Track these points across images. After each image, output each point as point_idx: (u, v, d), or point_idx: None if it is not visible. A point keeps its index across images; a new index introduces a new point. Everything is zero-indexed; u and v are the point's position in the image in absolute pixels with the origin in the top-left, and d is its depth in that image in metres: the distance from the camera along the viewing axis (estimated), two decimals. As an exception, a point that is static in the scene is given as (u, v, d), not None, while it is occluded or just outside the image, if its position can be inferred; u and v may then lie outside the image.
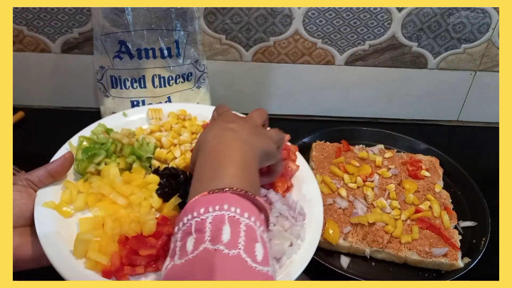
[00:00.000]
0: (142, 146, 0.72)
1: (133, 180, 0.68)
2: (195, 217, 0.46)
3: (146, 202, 0.66)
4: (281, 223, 0.66)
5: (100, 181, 0.67)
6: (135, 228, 0.62)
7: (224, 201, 0.47)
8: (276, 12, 0.97)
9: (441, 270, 0.80)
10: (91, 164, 0.68)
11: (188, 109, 0.82)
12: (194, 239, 0.45)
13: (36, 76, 1.04)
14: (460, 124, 1.18)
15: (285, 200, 0.68)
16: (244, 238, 0.44)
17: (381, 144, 1.02)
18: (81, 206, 0.64)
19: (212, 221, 0.45)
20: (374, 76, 1.08)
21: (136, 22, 0.87)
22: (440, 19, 0.99)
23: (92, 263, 0.58)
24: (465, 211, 0.90)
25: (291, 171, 0.73)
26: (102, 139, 0.72)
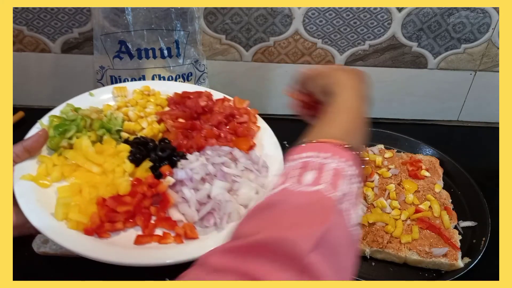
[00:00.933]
0: (110, 120, 0.77)
1: (105, 150, 0.73)
2: (319, 157, 0.50)
3: (119, 168, 0.70)
4: (246, 175, 0.73)
5: (74, 153, 0.71)
6: (111, 191, 0.67)
7: (346, 157, 0.50)
8: (276, 12, 0.97)
9: (441, 270, 0.80)
10: (63, 139, 0.72)
11: (152, 85, 0.86)
12: (316, 173, 0.48)
13: (36, 76, 1.04)
14: (460, 124, 1.18)
15: (248, 156, 0.76)
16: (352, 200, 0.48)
17: (381, 144, 1.02)
18: (57, 177, 0.68)
19: (334, 172, 0.48)
20: (374, 76, 1.07)
21: (136, 22, 0.87)
22: (440, 19, 0.99)
23: (74, 223, 0.62)
24: (465, 211, 0.90)
25: (253, 132, 0.81)
26: (72, 116, 0.76)
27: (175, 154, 0.74)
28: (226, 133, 0.80)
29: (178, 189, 0.70)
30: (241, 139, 0.80)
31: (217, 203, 0.67)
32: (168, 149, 0.74)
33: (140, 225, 0.66)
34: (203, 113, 0.82)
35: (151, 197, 0.68)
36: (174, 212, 0.68)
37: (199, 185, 0.70)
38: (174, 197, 0.69)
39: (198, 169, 0.71)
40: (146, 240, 0.64)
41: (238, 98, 0.85)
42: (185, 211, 0.68)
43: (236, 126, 0.81)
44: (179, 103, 0.83)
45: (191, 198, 0.68)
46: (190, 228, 0.66)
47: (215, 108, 0.83)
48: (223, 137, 0.79)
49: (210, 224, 0.67)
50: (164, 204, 0.68)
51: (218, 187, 0.69)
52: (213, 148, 0.76)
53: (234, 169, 0.73)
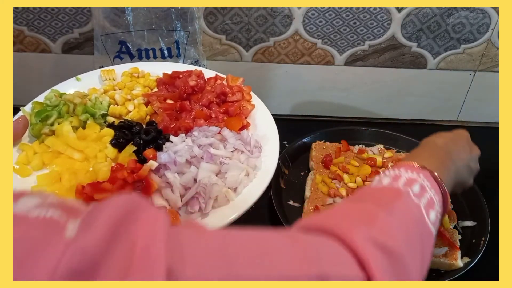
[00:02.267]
0: (95, 105, 0.74)
1: (88, 135, 0.70)
2: (396, 172, 0.56)
3: (101, 153, 0.68)
4: (236, 157, 0.70)
5: (54, 139, 0.68)
6: (91, 177, 0.64)
7: (421, 173, 0.56)
8: (276, 12, 0.97)
9: (440, 270, 0.80)
10: (45, 125, 0.70)
11: (141, 66, 0.84)
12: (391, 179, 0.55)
13: (37, 76, 1.04)
14: (460, 124, 1.18)
15: (239, 135, 0.73)
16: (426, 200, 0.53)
17: (381, 144, 1.02)
18: (38, 164, 0.66)
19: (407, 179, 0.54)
20: (374, 76, 1.08)
21: (137, 22, 0.87)
22: (440, 19, 0.99)
23: None
24: (464, 211, 0.90)
25: (246, 110, 0.78)
26: (55, 102, 0.73)
27: (161, 137, 0.70)
28: (217, 113, 0.76)
29: (161, 174, 0.66)
30: (233, 118, 0.76)
31: (203, 187, 0.64)
32: (153, 131, 0.70)
33: None
34: (193, 93, 0.78)
35: (132, 183, 0.64)
36: (157, 198, 0.65)
37: (184, 168, 0.66)
38: (157, 182, 0.65)
39: (182, 151, 0.67)
40: None
41: (232, 76, 0.81)
42: (168, 196, 0.64)
43: (228, 105, 0.77)
44: (169, 83, 0.80)
45: (175, 182, 0.65)
46: (173, 214, 0.63)
47: (207, 87, 0.79)
48: (214, 117, 0.75)
49: (195, 210, 0.64)
50: (146, 190, 0.64)
51: (204, 170, 0.66)
52: (201, 129, 0.72)
53: (223, 151, 0.70)
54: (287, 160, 0.96)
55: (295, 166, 0.97)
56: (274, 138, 0.75)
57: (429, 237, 0.52)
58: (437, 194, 0.55)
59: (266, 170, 0.71)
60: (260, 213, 0.87)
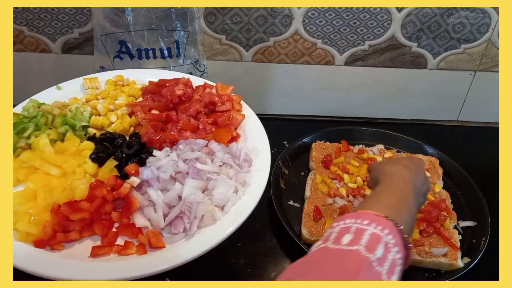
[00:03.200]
0: (75, 116, 0.70)
1: (67, 149, 0.66)
2: (357, 223, 0.52)
3: (80, 169, 0.64)
4: (225, 172, 0.66)
5: (30, 154, 0.64)
6: (67, 195, 0.60)
7: (386, 227, 0.52)
8: (276, 12, 0.97)
9: (441, 270, 0.80)
10: (21, 139, 0.66)
11: (126, 74, 0.79)
12: (352, 237, 0.50)
13: (37, 76, 1.04)
14: (460, 124, 1.18)
15: (227, 149, 0.68)
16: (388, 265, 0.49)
17: (381, 144, 1.02)
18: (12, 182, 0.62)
19: (371, 235, 0.50)
20: (374, 76, 1.08)
21: (137, 22, 0.87)
22: (440, 19, 0.99)
23: (23, 235, 0.56)
24: (464, 211, 0.90)
25: (236, 121, 0.74)
26: (32, 113, 0.69)
27: (144, 151, 0.66)
28: (205, 124, 0.72)
29: (144, 191, 0.62)
30: (222, 129, 0.71)
31: (188, 205, 0.60)
32: (136, 145, 0.66)
33: (99, 233, 0.58)
34: (180, 103, 0.74)
35: (112, 201, 0.60)
36: (138, 217, 0.61)
37: (168, 185, 0.62)
38: (139, 200, 0.61)
39: (166, 167, 0.63)
40: (103, 252, 0.57)
41: (221, 84, 0.78)
42: (150, 215, 0.60)
43: (217, 115, 0.72)
44: (154, 92, 0.75)
45: (158, 201, 0.60)
46: (155, 236, 0.58)
47: (195, 96, 0.74)
48: (202, 129, 0.71)
49: (179, 231, 0.59)
50: (127, 209, 0.60)
51: (189, 187, 0.61)
52: (187, 142, 0.68)
53: (210, 165, 0.65)
54: (287, 160, 0.96)
55: (295, 166, 0.97)
56: (265, 150, 0.71)
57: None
58: (399, 252, 0.52)
59: (257, 186, 0.66)
60: (260, 213, 0.87)
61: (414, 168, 0.67)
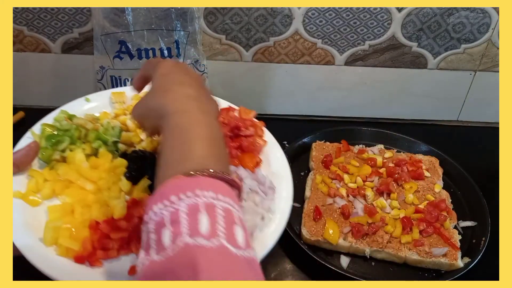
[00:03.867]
0: (107, 131, 0.70)
1: (100, 165, 0.67)
2: (167, 206, 0.43)
3: (115, 186, 0.64)
4: (252, 198, 0.66)
5: (66, 168, 0.65)
6: (105, 213, 0.61)
7: (196, 186, 0.43)
8: (276, 12, 0.97)
9: (441, 270, 0.80)
10: (56, 151, 0.66)
11: None
12: (171, 232, 0.41)
13: (36, 76, 1.04)
14: (460, 124, 1.18)
15: (254, 175, 0.69)
16: (223, 224, 0.42)
17: (381, 144, 1.02)
18: (48, 194, 0.63)
19: (188, 211, 0.42)
20: (374, 76, 1.08)
21: (136, 22, 0.87)
22: (440, 19, 0.99)
23: (63, 250, 0.57)
24: (465, 211, 0.90)
25: (259, 147, 0.74)
26: (66, 126, 0.70)
27: None
28: (231, 148, 0.72)
29: None
30: (247, 155, 0.71)
31: None
32: None
33: (135, 252, 0.59)
34: None
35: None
36: None
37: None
38: None
39: None
40: None
41: (244, 108, 0.78)
42: None
43: (242, 140, 0.72)
44: None
45: None
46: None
47: (219, 119, 0.72)
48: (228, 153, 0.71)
49: None
50: None
51: None
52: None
53: None
54: (287, 160, 0.96)
55: (295, 166, 0.97)
56: (287, 177, 0.70)
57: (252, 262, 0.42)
58: (227, 195, 0.44)
59: (281, 214, 0.66)
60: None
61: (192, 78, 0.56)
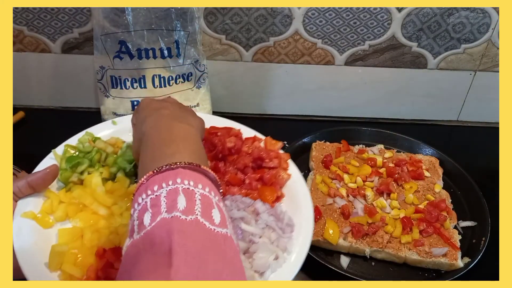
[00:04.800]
0: (125, 153, 0.69)
1: (116, 190, 0.66)
2: (149, 195, 0.46)
3: (128, 212, 0.63)
4: (267, 234, 0.62)
5: (81, 191, 0.64)
6: (113, 240, 0.59)
7: (176, 176, 0.46)
8: (276, 12, 0.97)
9: (441, 270, 0.80)
10: (74, 173, 0.66)
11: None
12: (151, 213, 0.44)
13: (36, 76, 1.04)
14: (460, 124, 1.18)
15: (272, 210, 0.65)
16: (200, 206, 0.45)
17: (381, 144, 1.02)
18: (61, 216, 0.62)
19: (167, 194, 0.45)
20: (374, 76, 1.08)
21: (136, 22, 0.87)
22: (440, 19, 0.99)
23: (67, 276, 0.56)
24: (465, 211, 0.90)
25: (282, 180, 0.70)
26: (87, 148, 0.69)
27: None
28: (251, 179, 0.69)
29: None
30: (268, 188, 0.68)
31: None
32: None
33: None
34: (229, 154, 0.71)
35: None
36: None
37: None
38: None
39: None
40: None
41: (270, 139, 0.75)
42: None
43: (264, 171, 0.70)
44: (205, 139, 0.72)
45: None
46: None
47: (243, 148, 0.72)
48: (248, 184, 0.69)
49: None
50: None
51: None
52: (233, 199, 0.65)
53: (254, 227, 0.62)
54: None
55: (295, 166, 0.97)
56: (309, 216, 0.65)
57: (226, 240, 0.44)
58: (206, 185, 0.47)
59: (297, 256, 0.61)
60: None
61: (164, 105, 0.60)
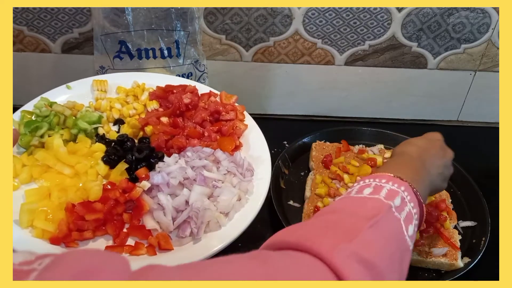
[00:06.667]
0: (85, 117, 0.72)
1: (79, 150, 0.68)
2: (377, 181, 0.56)
3: (92, 170, 0.66)
4: (229, 179, 0.69)
5: (44, 153, 0.66)
6: (81, 195, 0.62)
7: (402, 185, 0.56)
8: (276, 12, 0.97)
9: (441, 270, 0.80)
10: (34, 137, 0.68)
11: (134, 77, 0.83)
12: (372, 190, 0.54)
13: (36, 76, 1.04)
14: (460, 124, 1.18)
15: (232, 158, 0.71)
16: (405, 214, 0.53)
17: (381, 144, 1.02)
18: (26, 178, 0.64)
19: (389, 190, 0.54)
20: (374, 76, 1.08)
21: (136, 22, 0.87)
22: (440, 19, 0.99)
23: (39, 232, 0.58)
24: (465, 211, 0.90)
25: (239, 131, 0.76)
26: (45, 112, 0.71)
27: (153, 156, 0.68)
28: (210, 131, 0.74)
29: (153, 195, 0.64)
30: (226, 138, 0.74)
31: (195, 211, 0.62)
32: (146, 150, 0.68)
33: (111, 234, 0.61)
34: (187, 110, 0.76)
35: (124, 203, 0.63)
36: (148, 220, 0.63)
37: (177, 191, 0.64)
38: (149, 203, 0.63)
39: (176, 173, 0.65)
40: (116, 251, 0.59)
41: (225, 93, 0.80)
42: (160, 219, 0.63)
43: (222, 124, 0.75)
44: (162, 97, 0.78)
45: (167, 205, 0.63)
46: (165, 238, 0.61)
47: (200, 104, 0.77)
48: (207, 136, 0.74)
49: (186, 235, 0.62)
50: (138, 211, 0.63)
51: (196, 193, 0.64)
52: (194, 149, 0.70)
53: (216, 173, 0.68)
54: (287, 160, 0.96)
55: (295, 166, 0.97)
56: (267, 161, 0.74)
57: (407, 252, 0.52)
58: (415, 207, 0.56)
59: (258, 195, 0.69)
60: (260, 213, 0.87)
61: (425, 144, 0.71)
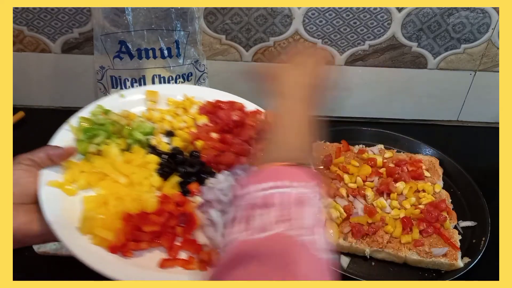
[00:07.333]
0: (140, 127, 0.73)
1: (133, 160, 0.69)
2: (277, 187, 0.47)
3: (147, 181, 0.67)
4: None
5: (101, 161, 0.68)
6: (137, 206, 0.63)
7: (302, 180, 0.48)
8: (276, 12, 0.97)
9: (441, 270, 0.80)
10: (92, 144, 0.69)
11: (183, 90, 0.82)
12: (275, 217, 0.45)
13: (36, 76, 1.04)
14: (460, 124, 1.18)
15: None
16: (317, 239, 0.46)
17: (381, 144, 1.02)
18: (84, 184, 0.65)
19: (295, 200, 0.46)
20: (374, 76, 1.08)
21: (136, 22, 0.87)
22: (440, 19, 0.99)
23: (98, 239, 0.59)
24: (464, 211, 0.90)
25: None
26: (101, 120, 0.72)
27: (204, 171, 0.70)
28: (257, 150, 0.72)
29: (205, 210, 0.65)
30: None
31: None
32: (198, 164, 0.70)
33: (165, 246, 0.62)
34: (234, 127, 0.77)
35: (177, 216, 0.64)
36: (200, 235, 0.64)
37: (227, 208, 0.63)
38: (200, 218, 0.64)
39: (227, 191, 0.65)
40: (171, 264, 0.60)
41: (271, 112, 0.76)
42: (211, 235, 0.63)
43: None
44: (211, 112, 0.79)
45: (218, 222, 0.63)
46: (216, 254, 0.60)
47: (247, 121, 0.77)
48: (253, 154, 0.72)
49: None
50: (190, 225, 0.64)
51: None
52: (244, 168, 0.70)
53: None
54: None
55: (295, 166, 0.97)
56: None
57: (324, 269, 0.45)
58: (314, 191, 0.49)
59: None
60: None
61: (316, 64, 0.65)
